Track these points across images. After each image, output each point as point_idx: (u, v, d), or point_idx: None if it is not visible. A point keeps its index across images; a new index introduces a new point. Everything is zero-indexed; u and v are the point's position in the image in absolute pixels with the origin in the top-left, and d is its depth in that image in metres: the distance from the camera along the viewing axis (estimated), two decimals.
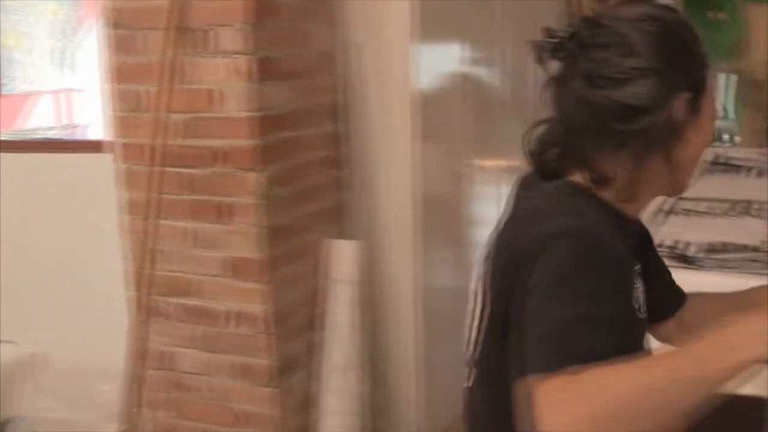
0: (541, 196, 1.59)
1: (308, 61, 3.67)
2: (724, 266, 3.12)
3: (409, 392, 4.12)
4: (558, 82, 1.58)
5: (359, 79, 3.88)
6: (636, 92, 1.49)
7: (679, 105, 1.53)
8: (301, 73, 3.62)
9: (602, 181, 1.56)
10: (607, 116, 1.51)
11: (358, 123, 3.91)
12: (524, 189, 1.67)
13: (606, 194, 1.58)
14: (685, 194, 4.26)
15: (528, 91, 5.39)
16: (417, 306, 4.07)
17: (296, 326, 3.65)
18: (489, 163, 4.89)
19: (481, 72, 4.78)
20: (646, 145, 1.53)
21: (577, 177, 1.59)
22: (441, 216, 4.27)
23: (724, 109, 8.96)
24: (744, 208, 3.95)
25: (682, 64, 1.55)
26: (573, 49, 1.54)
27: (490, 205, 4.91)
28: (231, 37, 3.28)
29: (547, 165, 1.63)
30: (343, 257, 3.79)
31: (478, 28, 4.67)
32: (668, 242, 3.39)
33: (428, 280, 4.11)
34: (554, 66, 1.58)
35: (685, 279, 3.10)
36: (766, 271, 3.03)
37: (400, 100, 3.91)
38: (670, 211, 3.89)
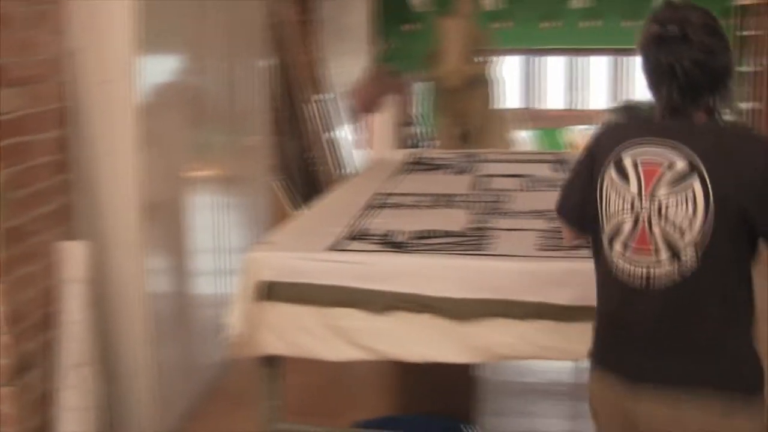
0: (725, 130, 2.38)
1: (37, 67, 3.78)
2: (430, 249, 3.49)
3: (141, 388, 4.26)
4: (675, 56, 2.32)
5: (84, 87, 4.02)
6: (729, 59, 2.36)
7: None
8: (31, 80, 3.72)
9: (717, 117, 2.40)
10: (723, 75, 2.35)
11: (83, 129, 4.04)
12: (683, 130, 2.35)
13: None
14: (393, 190, 4.66)
15: (244, 101, 5.65)
16: (144, 305, 4.21)
17: (32, 325, 3.72)
18: (206, 172, 5.08)
19: (200, 82, 4.98)
20: (731, 91, 2.38)
21: (702, 117, 2.36)
22: (163, 222, 4.43)
23: (422, 116, 9.49)
24: (446, 200, 4.38)
25: None
26: (690, 35, 2.31)
27: (206, 213, 5.11)
28: None
29: (685, 112, 2.37)
30: (72, 258, 3.90)
31: (196, 40, 4.89)
32: (381, 231, 3.73)
33: (152, 282, 4.27)
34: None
35: (396, 262, 3.48)
36: (468, 251, 3.44)
37: (123, 108, 4.05)
38: (383, 205, 4.25)
